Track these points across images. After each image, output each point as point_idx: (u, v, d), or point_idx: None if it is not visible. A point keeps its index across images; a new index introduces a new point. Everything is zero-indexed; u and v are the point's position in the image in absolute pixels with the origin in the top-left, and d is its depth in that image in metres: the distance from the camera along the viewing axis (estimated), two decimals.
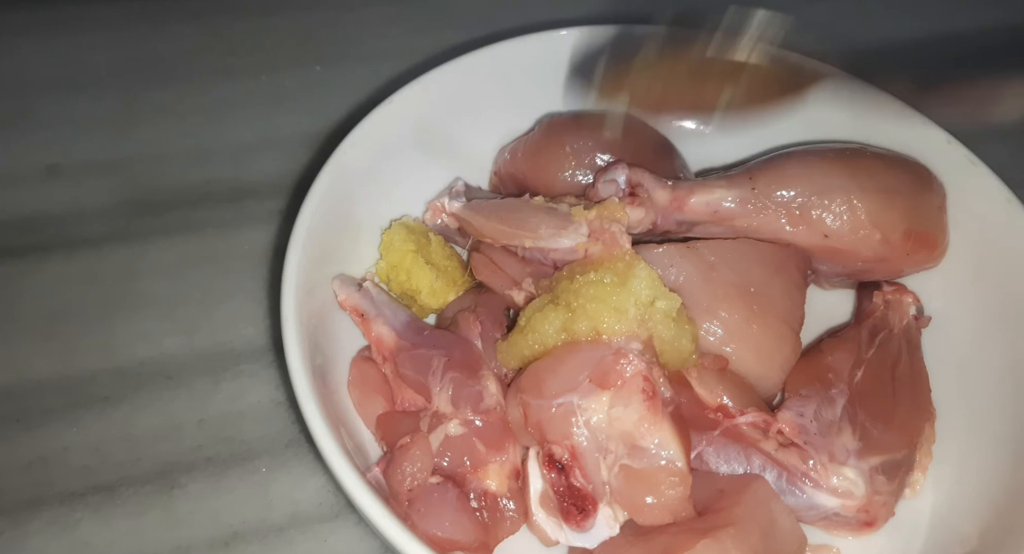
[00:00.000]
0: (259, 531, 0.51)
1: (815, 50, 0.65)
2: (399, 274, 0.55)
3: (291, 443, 0.55)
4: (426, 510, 0.45)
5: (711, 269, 0.51)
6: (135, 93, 0.75)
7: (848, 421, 0.48)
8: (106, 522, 0.51)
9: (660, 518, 0.44)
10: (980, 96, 0.53)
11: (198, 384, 0.57)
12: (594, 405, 0.44)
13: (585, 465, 0.44)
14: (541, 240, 0.51)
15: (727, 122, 0.59)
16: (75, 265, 0.62)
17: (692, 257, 0.51)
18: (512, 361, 0.49)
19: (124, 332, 0.59)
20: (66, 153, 0.69)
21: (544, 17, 0.75)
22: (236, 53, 0.79)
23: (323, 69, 0.78)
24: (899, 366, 0.51)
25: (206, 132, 0.72)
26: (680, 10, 0.59)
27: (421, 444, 0.47)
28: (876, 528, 0.47)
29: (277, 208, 0.67)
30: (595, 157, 0.57)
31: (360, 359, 0.52)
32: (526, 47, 0.62)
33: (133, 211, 0.66)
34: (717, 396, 0.48)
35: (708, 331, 0.49)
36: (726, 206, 0.52)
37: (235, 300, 0.62)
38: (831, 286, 0.60)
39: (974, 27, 0.89)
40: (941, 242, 0.55)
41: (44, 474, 0.52)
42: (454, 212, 0.57)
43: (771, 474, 0.47)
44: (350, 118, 0.70)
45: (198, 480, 0.53)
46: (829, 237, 0.52)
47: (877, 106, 0.60)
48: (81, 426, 0.55)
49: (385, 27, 0.83)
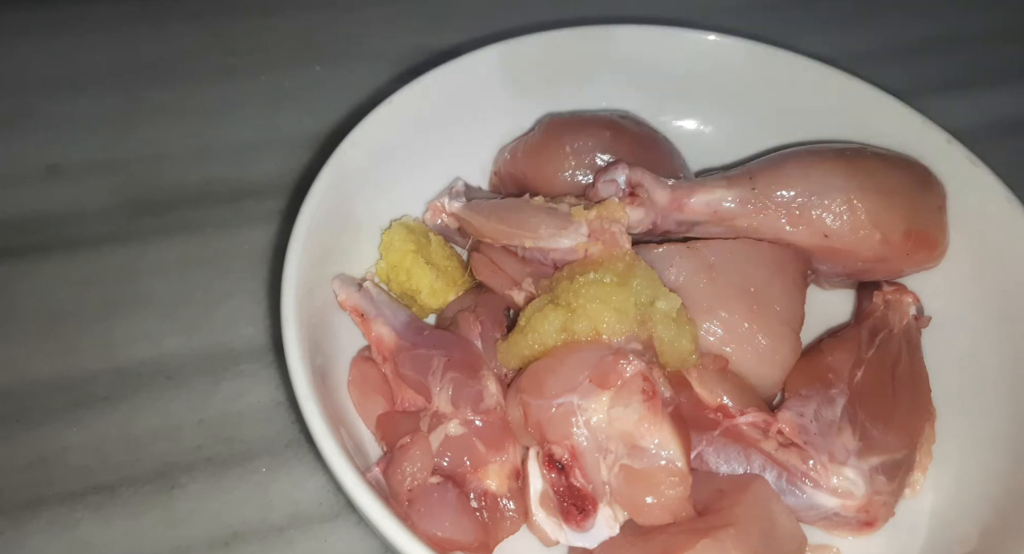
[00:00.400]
0: (259, 531, 0.51)
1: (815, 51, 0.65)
2: (399, 274, 0.55)
3: (291, 443, 0.55)
4: (426, 510, 0.45)
5: (711, 269, 0.51)
6: (135, 93, 0.75)
7: (848, 421, 0.48)
8: (106, 522, 0.51)
9: (660, 518, 0.44)
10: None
11: (198, 384, 0.57)
12: (594, 405, 0.44)
13: (585, 465, 0.44)
14: (541, 240, 0.51)
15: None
16: (75, 265, 0.62)
17: (692, 257, 0.51)
18: (512, 361, 0.49)
19: (124, 332, 0.59)
20: (66, 153, 0.69)
21: (544, 17, 0.75)
22: (236, 53, 0.79)
23: (323, 69, 0.78)
24: (899, 366, 0.51)
25: (206, 132, 0.72)
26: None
27: (421, 444, 0.47)
28: (876, 528, 0.47)
29: (277, 208, 0.67)
30: (595, 157, 0.57)
31: (360, 359, 0.52)
32: (526, 47, 0.62)
33: (133, 211, 0.66)
34: (717, 396, 0.48)
35: (708, 331, 0.49)
36: (726, 206, 0.52)
37: (235, 300, 0.62)
38: (831, 286, 0.60)
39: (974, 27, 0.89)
40: (941, 242, 0.55)
41: (44, 474, 0.52)
42: (454, 212, 0.57)
43: (771, 474, 0.47)
44: (350, 118, 0.70)
45: (198, 480, 0.53)
46: (829, 237, 0.52)
47: (877, 106, 0.60)
48: (81, 426, 0.55)
49: (385, 27, 0.83)
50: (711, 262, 0.51)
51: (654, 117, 0.63)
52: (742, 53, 0.63)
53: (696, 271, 0.51)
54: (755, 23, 0.79)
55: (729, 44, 0.63)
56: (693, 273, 0.50)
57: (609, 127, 0.59)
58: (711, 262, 0.51)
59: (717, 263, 0.51)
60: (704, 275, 0.50)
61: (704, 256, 0.51)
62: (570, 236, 0.51)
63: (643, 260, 0.49)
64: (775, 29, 0.76)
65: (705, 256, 0.51)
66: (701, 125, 0.66)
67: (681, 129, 0.65)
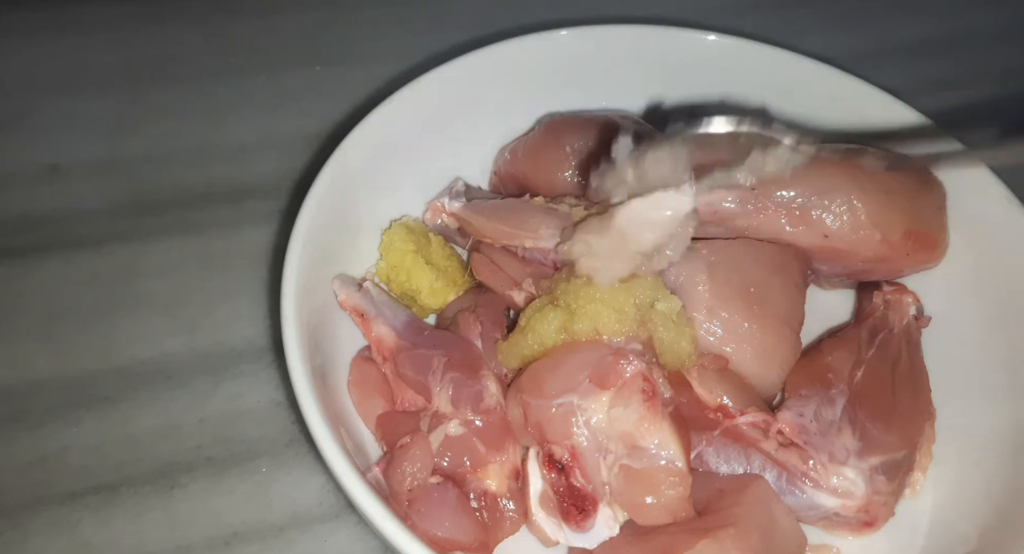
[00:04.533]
0: (259, 531, 0.51)
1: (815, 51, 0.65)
2: (399, 274, 0.55)
3: (291, 443, 0.55)
4: (426, 510, 0.45)
5: (711, 269, 0.51)
6: (135, 93, 0.75)
7: (848, 421, 0.48)
8: (106, 522, 0.51)
9: (660, 518, 0.44)
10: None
11: (198, 384, 0.57)
12: (594, 405, 0.44)
13: (585, 465, 0.44)
14: (541, 240, 0.51)
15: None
16: (75, 265, 0.62)
17: (692, 257, 0.51)
18: (512, 361, 0.49)
19: (124, 332, 0.59)
20: (66, 153, 0.69)
21: (544, 17, 0.75)
22: (236, 53, 0.79)
23: (323, 69, 0.78)
24: (899, 366, 0.51)
25: (206, 132, 0.72)
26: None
27: (421, 444, 0.47)
28: (876, 528, 0.47)
29: (277, 208, 0.67)
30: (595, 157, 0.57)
31: (360, 359, 0.52)
32: (526, 47, 0.62)
33: (133, 211, 0.66)
34: (717, 396, 0.48)
35: (708, 331, 0.49)
36: (726, 206, 0.52)
37: (235, 300, 0.62)
38: (831, 286, 0.60)
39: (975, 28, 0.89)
40: (941, 242, 0.55)
41: (44, 474, 0.52)
42: (454, 212, 0.57)
43: (771, 474, 0.47)
44: (350, 118, 0.70)
45: (198, 480, 0.53)
46: (829, 237, 0.52)
47: (877, 106, 0.60)
48: (81, 426, 0.55)
49: (385, 27, 0.83)
50: (711, 262, 0.51)
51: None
52: (742, 53, 0.63)
53: (696, 271, 0.51)
54: (755, 23, 0.79)
55: (729, 44, 0.63)
56: (693, 273, 0.50)
57: (609, 127, 0.59)
58: (711, 262, 0.51)
59: (717, 263, 0.51)
60: (704, 275, 0.50)
61: (704, 256, 0.51)
62: None
63: None
64: (775, 29, 0.76)
65: (705, 256, 0.51)
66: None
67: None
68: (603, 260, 0.47)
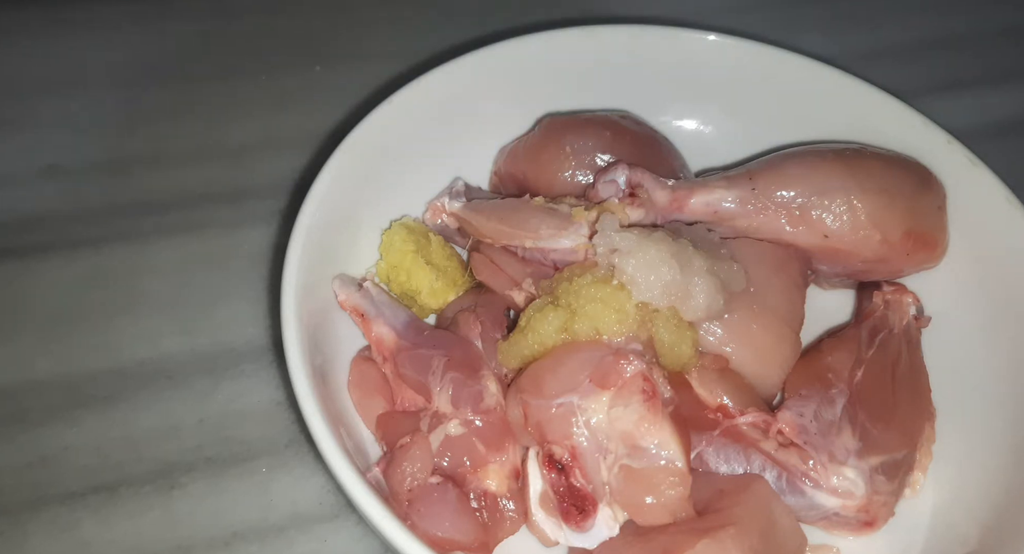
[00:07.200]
0: (259, 531, 0.51)
1: (815, 51, 0.65)
2: (399, 274, 0.55)
3: (291, 443, 0.55)
4: (426, 510, 0.45)
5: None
6: (135, 93, 0.75)
7: (848, 421, 0.48)
8: (106, 522, 0.51)
9: (660, 518, 0.44)
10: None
11: (198, 384, 0.57)
12: (594, 405, 0.44)
13: (585, 465, 0.44)
14: (541, 240, 0.51)
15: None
16: (76, 265, 0.62)
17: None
18: (512, 361, 0.49)
19: (124, 332, 0.59)
20: (66, 153, 0.69)
21: (544, 17, 0.75)
22: (236, 53, 0.79)
23: (323, 69, 0.78)
24: (899, 366, 0.51)
25: (206, 132, 0.72)
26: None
27: (421, 444, 0.47)
28: (876, 528, 0.47)
29: (277, 208, 0.67)
30: (595, 157, 0.57)
31: (360, 359, 0.52)
32: (526, 47, 0.62)
33: (133, 211, 0.66)
34: (717, 396, 0.48)
35: (708, 331, 0.49)
36: (726, 206, 0.52)
37: (235, 300, 0.62)
38: (831, 286, 0.60)
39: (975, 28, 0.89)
40: (941, 242, 0.55)
41: (44, 474, 0.52)
42: (454, 212, 0.57)
43: (771, 474, 0.47)
44: (350, 118, 0.71)
45: (198, 480, 0.53)
46: (829, 237, 0.52)
47: (877, 106, 0.60)
48: (81, 426, 0.55)
49: (385, 27, 0.83)
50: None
51: (654, 117, 0.63)
52: (742, 53, 0.63)
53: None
54: (755, 23, 0.79)
55: (729, 44, 0.63)
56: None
57: (609, 127, 0.58)
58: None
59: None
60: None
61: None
62: (570, 237, 0.51)
63: None
64: (775, 29, 0.76)
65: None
66: (701, 125, 0.66)
67: (681, 129, 0.65)
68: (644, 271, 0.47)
